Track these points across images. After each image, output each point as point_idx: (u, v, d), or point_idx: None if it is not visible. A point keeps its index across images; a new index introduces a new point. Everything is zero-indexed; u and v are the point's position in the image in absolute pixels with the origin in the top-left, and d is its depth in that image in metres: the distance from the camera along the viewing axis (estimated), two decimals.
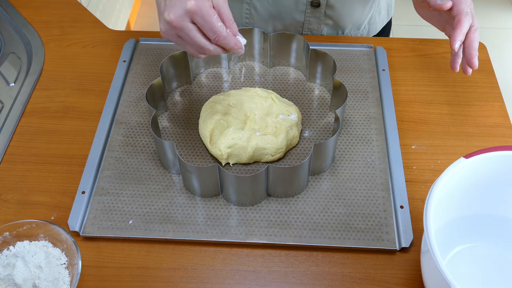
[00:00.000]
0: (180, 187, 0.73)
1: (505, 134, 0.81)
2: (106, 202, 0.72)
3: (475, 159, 0.59)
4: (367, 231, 0.69)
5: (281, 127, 0.76)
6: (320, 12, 0.97)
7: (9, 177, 0.76)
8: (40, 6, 1.02)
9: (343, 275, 0.66)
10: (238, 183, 0.68)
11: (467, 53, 0.73)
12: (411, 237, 0.67)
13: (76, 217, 0.70)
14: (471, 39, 0.72)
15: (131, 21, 2.38)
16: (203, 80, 0.88)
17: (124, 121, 0.82)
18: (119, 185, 0.74)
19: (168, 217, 0.71)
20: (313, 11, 0.97)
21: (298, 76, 0.88)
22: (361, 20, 1.03)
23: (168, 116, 0.82)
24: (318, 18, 0.98)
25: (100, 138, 0.79)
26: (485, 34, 2.39)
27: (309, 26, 1.00)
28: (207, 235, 0.69)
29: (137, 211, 0.71)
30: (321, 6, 0.96)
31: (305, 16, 0.98)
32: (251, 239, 0.68)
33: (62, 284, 0.63)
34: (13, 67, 0.91)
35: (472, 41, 0.73)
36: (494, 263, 0.66)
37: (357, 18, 1.02)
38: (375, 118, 0.81)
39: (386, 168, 0.75)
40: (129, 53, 0.91)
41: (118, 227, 0.70)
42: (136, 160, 0.77)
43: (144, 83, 0.87)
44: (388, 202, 0.72)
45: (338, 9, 0.98)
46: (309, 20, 0.98)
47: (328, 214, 0.71)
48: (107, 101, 0.84)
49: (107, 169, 0.76)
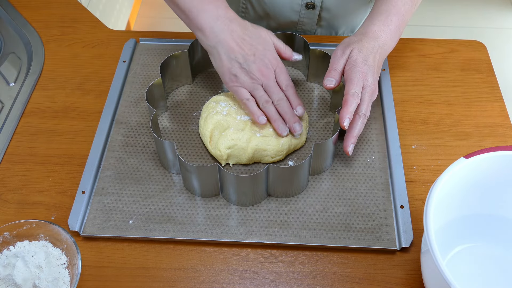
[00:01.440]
0: (180, 187, 0.73)
1: (505, 134, 0.81)
2: (106, 202, 0.72)
3: (475, 159, 0.59)
4: (367, 231, 0.69)
5: None
6: (314, 14, 0.97)
7: (9, 177, 0.76)
8: (40, 6, 1.02)
9: (343, 275, 0.66)
10: (238, 183, 0.68)
11: (344, 138, 0.72)
12: (411, 237, 0.67)
13: (76, 217, 0.70)
14: (352, 124, 0.72)
15: (131, 21, 2.38)
16: (204, 80, 0.88)
17: (124, 121, 0.82)
18: (119, 185, 0.74)
19: (168, 217, 0.70)
20: (308, 13, 0.97)
21: (298, 76, 0.88)
22: (355, 23, 1.04)
23: (168, 116, 0.82)
24: (312, 20, 0.98)
25: (100, 138, 0.79)
26: (485, 34, 2.39)
27: (303, 27, 1.00)
28: (207, 235, 0.69)
29: (137, 211, 0.71)
30: (315, 8, 0.96)
31: (299, 17, 0.98)
32: (251, 239, 0.68)
33: (62, 284, 0.63)
34: (13, 67, 0.91)
35: (352, 127, 0.72)
36: (494, 263, 0.66)
37: (351, 21, 1.03)
38: (375, 118, 0.81)
39: (386, 168, 0.75)
40: (129, 53, 0.91)
41: (118, 227, 0.70)
42: (136, 160, 0.77)
43: (144, 83, 0.87)
44: (388, 202, 0.72)
45: (333, 12, 0.98)
46: (303, 21, 0.99)
47: (328, 214, 0.70)
48: (107, 101, 0.84)
49: (107, 169, 0.76)
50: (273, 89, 0.74)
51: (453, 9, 2.51)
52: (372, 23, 0.78)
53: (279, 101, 0.74)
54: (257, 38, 0.75)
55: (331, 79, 0.73)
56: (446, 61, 0.92)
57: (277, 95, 0.74)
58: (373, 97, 0.75)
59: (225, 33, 0.73)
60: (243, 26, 0.75)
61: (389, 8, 0.79)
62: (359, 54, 0.74)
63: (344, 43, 0.77)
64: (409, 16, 0.81)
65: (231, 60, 0.73)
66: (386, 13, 0.78)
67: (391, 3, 0.79)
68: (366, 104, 0.73)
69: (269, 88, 0.74)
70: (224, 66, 0.74)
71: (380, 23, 0.78)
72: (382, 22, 0.78)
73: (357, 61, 0.73)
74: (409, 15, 0.81)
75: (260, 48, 0.74)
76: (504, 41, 2.36)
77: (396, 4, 0.79)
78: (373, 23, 0.78)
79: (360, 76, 0.72)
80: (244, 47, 0.73)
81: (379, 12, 0.79)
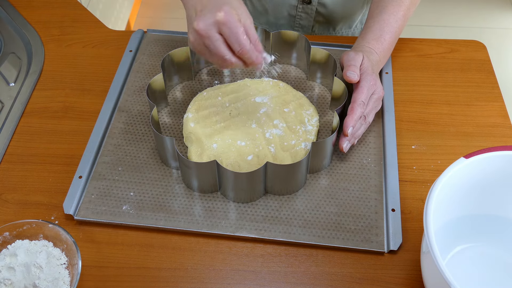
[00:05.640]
0: (176, 177, 0.74)
1: (505, 134, 0.81)
2: (102, 187, 0.73)
3: (475, 159, 0.59)
4: (357, 232, 0.69)
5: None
6: (311, 8, 0.98)
7: (9, 177, 0.76)
8: (40, 6, 1.02)
9: (343, 275, 0.66)
10: (236, 180, 0.68)
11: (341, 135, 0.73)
12: (400, 240, 0.68)
13: (72, 201, 0.71)
14: (357, 127, 0.73)
15: (131, 21, 2.38)
16: (204, 77, 0.88)
17: (126, 109, 0.83)
18: (116, 172, 0.75)
19: (162, 205, 0.71)
20: (305, 8, 0.98)
21: (298, 75, 0.88)
22: (353, 18, 1.04)
23: (168, 111, 0.83)
24: (309, 15, 0.99)
25: (101, 125, 0.80)
26: (485, 34, 2.39)
27: (300, 22, 1.01)
28: (198, 226, 0.69)
29: (132, 198, 0.72)
30: (312, 3, 0.97)
31: (297, 12, 0.99)
32: (240, 233, 0.69)
33: (62, 284, 0.63)
34: (13, 67, 0.91)
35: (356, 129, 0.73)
36: (494, 263, 0.66)
37: (349, 17, 1.03)
38: (375, 120, 0.81)
39: (381, 170, 0.75)
40: (136, 43, 0.92)
41: (112, 212, 0.70)
42: (135, 148, 0.77)
43: (149, 73, 0.88)
44: (380, 204, 0.72)
45: (330, 7, 0.98)
46: (301, 15, 0.99)
47: (319, 212, 0.71)
48: (111, 88, 0.85)
49: (105, 155, 0.77)
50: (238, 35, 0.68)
51: (453, 9, 2.51)
52: (367, 41, 0.80)
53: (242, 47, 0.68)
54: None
55: (353, 73, 0.74)
56: (446, 61, 0.91)
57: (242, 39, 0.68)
58: (378, 105, 0.77)
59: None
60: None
61: (382, 27, 0.80)
62: (368, 63, 0.76)
63: (352, 50, 0.78)
64: (401, 30, 0.83)
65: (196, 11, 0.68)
66: (380, 31, 0.80)
67: (384, 21, 0.80)
68: (369, 109, 0.75)
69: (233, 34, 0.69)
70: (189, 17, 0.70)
71: (374, 41, 0.80)
72: (375, 41, 0.80)
73: (367, 69, 0.75)
74: (402, 29, 0.83)
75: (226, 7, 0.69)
76: (504, 41, 2.36)
77: (388, 22, 0.80)
78: (367, 41, 0.80)
79: (370, 85, 0.74)
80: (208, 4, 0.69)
81: (372, 31, 0.81)
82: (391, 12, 0.81)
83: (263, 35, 0.85)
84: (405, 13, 0.81)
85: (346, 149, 0.73)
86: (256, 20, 1.04)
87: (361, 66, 0.75)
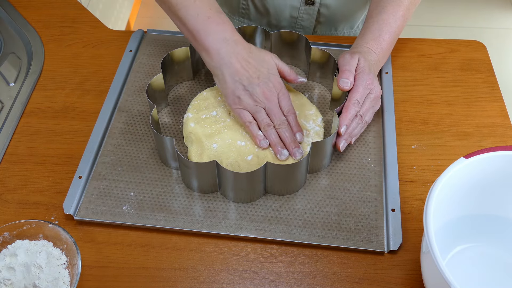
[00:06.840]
0: (176, 177, 0.74)
1: (505, 134, 0.81)
2: (102, 187, 0.73)
3: (475, 159, 0.59)
4: (357, 232, 0.69)
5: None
6: (313, 10, 0.98)
7: (9, 177, 0.76)
8: (40, 6, 1.02)
9: (343, 275, 0.66)
10: (236, 180, 0.68)
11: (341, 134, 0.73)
12: (400, 240, 0.68)
13: (72, 201, 0.71)
14: (351, 127, 0.73)
15: (131, 21, 2.38)
16: (204, 77, 0.88)
17: (126, 109, 0.83)
18: (116, 172, 0.75)
19: (162, 206, 0.71)
20: (307, 9, 0.98)
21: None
22: (355, 19, 1.04)
23: (168, 111, 0.83)
24: (311, 16, 0.99)
25: (101, 125, 0.79)
26: (485, 34, 2.39)
27: (302, 23, 1.01)
28: (197, 226, 0.69)
29: (132, 198, 0.72)
30: (315, 5, 0.97)
31: (299, 13, 0.98)
32: (240, 233, 0.68)
33: (62, 284, 0.63)
34: (13, 67, 0.91)
35: (349, 127, 0.73)
36: (494, 263, 0.66)
37: (351, 18, 1.03)
38: (374, 120, 0.81)
39: (381, 170, 0.75)
40: (136, 43, 0.92)
41: (112, 213, 0.70)
42: (135, 148, 0.77)
43: (149, 73, 0.88)
44: (380, 204, 0.72)
45: (332, 8, 0.98)
46: (303, 17, 0.99)
47: (319, 212, 0.71)
48: (111, 88, 0.85)
49: (105, 155, 0.77)
50: (276, 112, 0.74)
51: (453, 9, 2.51)
52: (365, 41, 0.80)
53: (281, 125, 0.73)
54: (262, 61, 0.75)
55: (346, 81, 0.74)
56: (446, 61, 0.91)
57: (279, 119, 0.73)
58: (376, 104, 0.76)
59: (230, 55, 0.73)
60: (248, 49, 0.75)
61: (381, 27, 0.80)
62: (365, 63, 0.75)
63: (349, 51, 0.78)
64: (401, 30, 0.83)
65: (235, 82, 0.73)
66: (379, 31, 0.80)
67: (383, 21, 0.80)
68: (366, 108, 0.74)
69: (272, 111, 0.74)
70: (228, 88, 0.74)
71: (372, 42, 0.80)
72: (374, 41, 0.80)
73: (364, 68, 0.75)
74: (401, 29, 0.83)
75: (265, 71, 0.74)
76: (504, 41, 2.36)
77: (388, 22, 0.80)
78: (366, 41, 0.80)
79: (366, 84, 0.74)
80: (248, 70, 0.74)
81: (371, 31, 0.80)
82: (390, 12, 0.80)
83: (263, 35, 0.85)
84: (404, 13, 0.81)
85: (343, 148, 0.73)
86: (258, 22, 1.04)
87: (357, 67, 0.75)
